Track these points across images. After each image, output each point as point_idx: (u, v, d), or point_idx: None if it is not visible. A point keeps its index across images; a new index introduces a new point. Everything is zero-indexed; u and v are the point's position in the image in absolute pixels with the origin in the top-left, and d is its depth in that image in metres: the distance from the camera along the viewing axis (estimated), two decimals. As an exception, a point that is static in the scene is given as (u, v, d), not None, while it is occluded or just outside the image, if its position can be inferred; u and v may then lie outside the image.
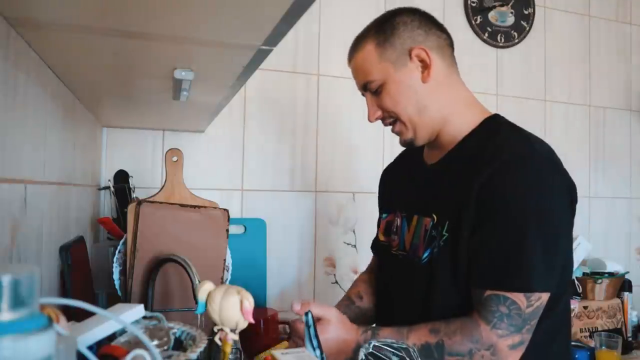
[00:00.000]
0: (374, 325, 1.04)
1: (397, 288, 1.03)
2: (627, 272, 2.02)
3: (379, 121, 1.02)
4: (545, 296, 0.83)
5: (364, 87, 0.99)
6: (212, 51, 0.73)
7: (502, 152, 0.86)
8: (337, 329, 0.88)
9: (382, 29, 0.95)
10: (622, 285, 1.97)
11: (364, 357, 0.77)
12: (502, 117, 0.98)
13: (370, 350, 0.77)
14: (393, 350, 0.78)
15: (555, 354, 0.93)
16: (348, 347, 0.88)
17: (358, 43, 0.99)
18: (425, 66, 0.94)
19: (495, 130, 0.93)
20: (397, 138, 1.01)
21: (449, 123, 0.96)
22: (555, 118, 2.18)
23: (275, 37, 0.65)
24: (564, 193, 0.87)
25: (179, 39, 0.68)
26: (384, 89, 0.95)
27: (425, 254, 0.93)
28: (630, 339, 1.91)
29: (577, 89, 2.24)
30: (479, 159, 0.87)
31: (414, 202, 1.01)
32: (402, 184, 1.10)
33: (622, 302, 1.94)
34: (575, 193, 0.91)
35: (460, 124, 0.96)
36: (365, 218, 1.82)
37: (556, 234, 0.86)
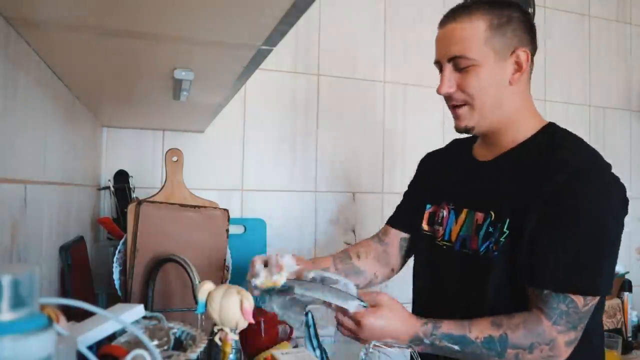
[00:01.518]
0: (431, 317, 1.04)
1: (443, 277, 1.04)
2: (627, 272, 2.02)
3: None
4: (597, 299, 0.88)
5: (451, 59, 0.96)
6: (212, 51, 0.73)
7: (572, 161, 0.90)
8: (391, 318, 0.88)
9: (498, 13, 0.94)
10: (622, 285, 1.97)
11: (363, 357, 0.77)
12: (558, 126, 1.03)
13: (371, 350, 0.77)
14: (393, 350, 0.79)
15: (594, 348, 0.97)
16: (403, 338, 0.88)
17: (465, 12, 0.95)
18: (518, 69, 0.96)
19: (558, 138, 0.97)
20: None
21: (512, 126, 0.99)
22: (555, 118, 2.16)
23: (275, 37, 0.65)
24: (621, 204, 0.93)
25: (179, 39, 0.68)
26: (474, 71, 0.94)
27: (482, 248, 0.95)
28: (630, 339, 1.91)
29: (577, 89, 2.23)
30: (546, 164, 0.91)
31: (464, 196, 1.03)
32: (449, 176, 1.11)
33: (622, 302, 1.94)
34: (627, 205, 0.95)
35: (522, 128, 1.00)
36: (366, 218, 1.82)
37: (616, 242, 0.92)
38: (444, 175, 1.14)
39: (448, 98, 0.99)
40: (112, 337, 0.64)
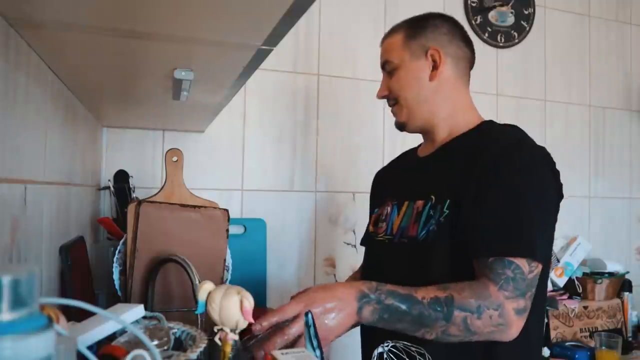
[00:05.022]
0: None
1: (384, 271, 1.04)
2: (627, 272, 2.02)
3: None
4: (540, 267, 0.88)
5: (383, 66, 1.10)
6: (212, 51, 0.73)
7: (499, 138, 0.97)
8: (333, 285, 0.87)
9: (415, 25, 1.08)
10: (622, 285, 1.98)
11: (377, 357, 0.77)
12: (495, 122, 1.07)
13: (389, 348, 0.78)
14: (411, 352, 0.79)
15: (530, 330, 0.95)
16: (349, 297, 0.84)
17: (392, 30, 1.11)
18: (435, 66, 1.04)
19: (489, 130, 1.04)
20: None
21: (446, 121, 1.06)
22: (555, 118, 2.18)
23: (275, 37, 0.65)
24: (553, 178, 0.96)
25: (179, 39, 0.68)
26: (396, 73, 1.06)
27: (422, 234, 0.96)
28: (630, 339, 1.91)
29: (577, 89, 2.23)
30: (478, 147, 0.96)
31: (406, 190, 1.07)
32: (395, 179, 1.17)
33: (622, 302, 1.94)
34: (560, 183, 0.98)
35: (458, 124, 1.06)
36: (365, 218, 1.81)
37: (549, 211, 0.95)
38: (390, 180, 1.20)
39: (386, 100, 1.12)
40: (112, 337, 0.64)
